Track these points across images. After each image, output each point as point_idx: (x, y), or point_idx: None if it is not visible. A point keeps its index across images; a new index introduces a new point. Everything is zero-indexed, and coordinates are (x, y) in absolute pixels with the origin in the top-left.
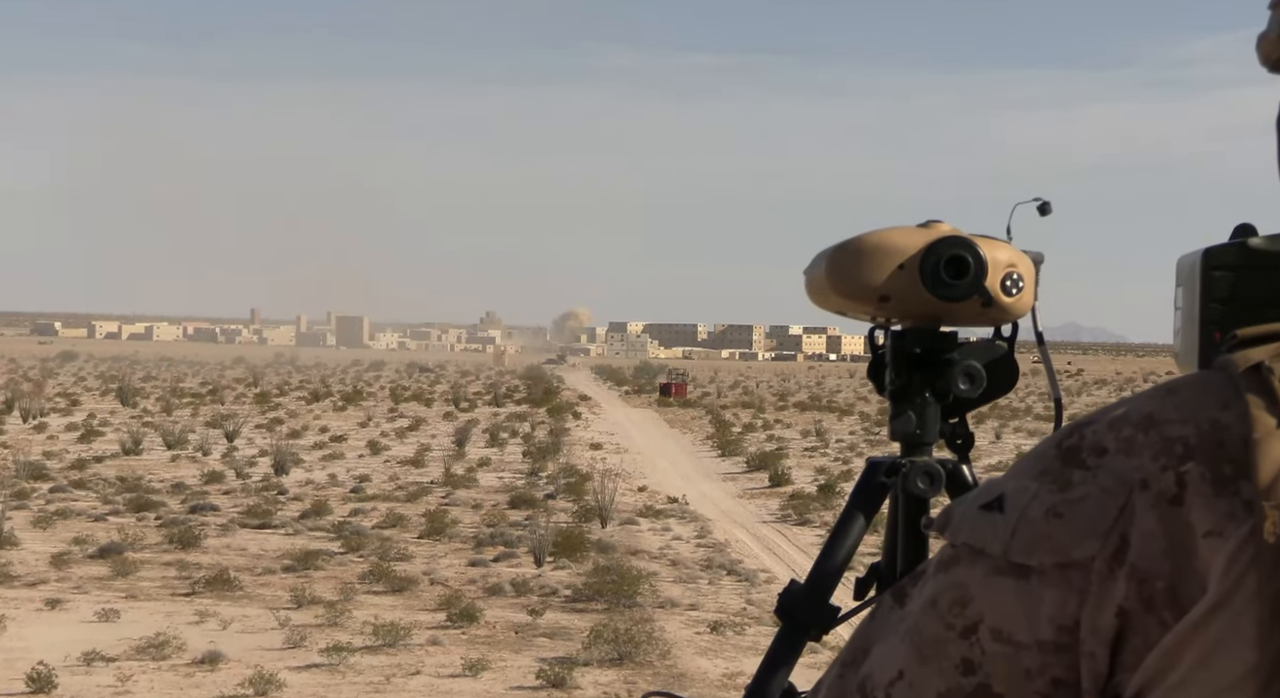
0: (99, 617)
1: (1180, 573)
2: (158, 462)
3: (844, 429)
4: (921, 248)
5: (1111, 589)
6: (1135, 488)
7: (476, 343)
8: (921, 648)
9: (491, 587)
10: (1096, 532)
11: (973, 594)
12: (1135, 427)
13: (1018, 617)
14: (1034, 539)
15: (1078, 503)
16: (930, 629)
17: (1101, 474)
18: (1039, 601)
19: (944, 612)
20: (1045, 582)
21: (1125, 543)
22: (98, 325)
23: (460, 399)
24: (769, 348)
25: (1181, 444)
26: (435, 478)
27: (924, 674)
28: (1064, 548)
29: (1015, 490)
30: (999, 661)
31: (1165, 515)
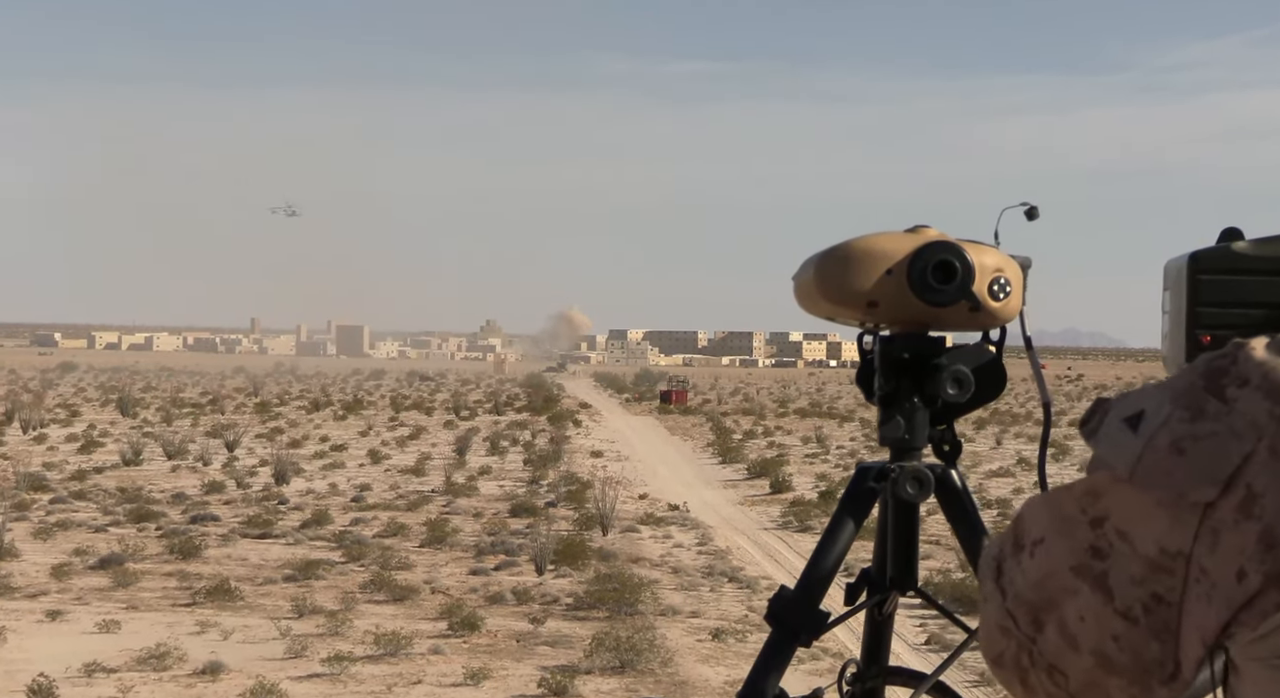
0: (100, 628)
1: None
2: (158, 472)
3: (845, 436)
4: (909, 253)
5: (1238, 543)
6: (1273, 437)
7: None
8: (1056, 522)
9: (493, 595)
10: (1217, 477)
11: (1103, 491)
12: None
13: (1137, 525)
14: (1155, 472)
15: (1202, 440)
16: (1066, 508)
17: (1234, 414)
18: (1154, 519)
19: (1079, 496)
20: (1163, 506)
21: (1253, 496)
22: (97, 336)
23: (461, 407)
24: (769, 355)
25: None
26: (436, 487)
27: (1058, 546)
28: (1182, 487)
29: (1154, 409)
30: (1119, 557)
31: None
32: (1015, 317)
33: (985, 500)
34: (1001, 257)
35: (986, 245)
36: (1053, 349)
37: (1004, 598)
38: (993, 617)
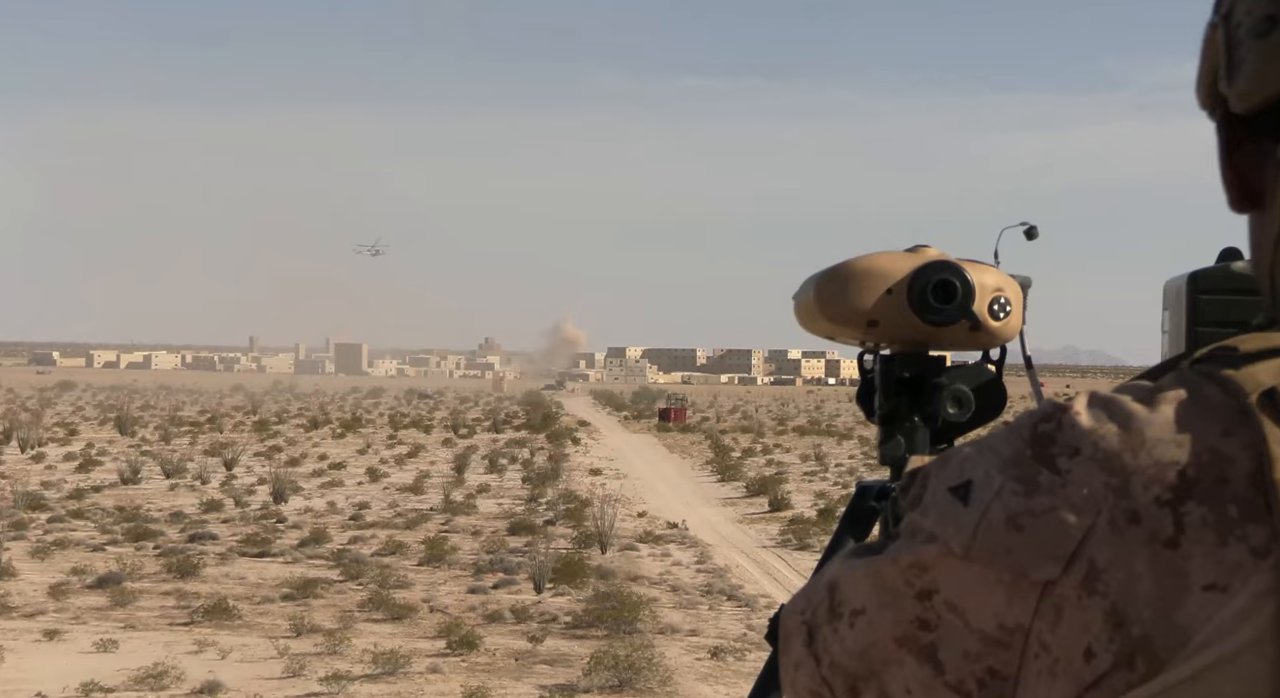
0: (97, 647)
1: (1160, 623)
2: (156, 491)
3: (843, 453)
4: (909, 273)
5: (1084, 620)
6: (1111, 511)
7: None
8: (882, 594)
9: (491, 614)
10: (1058, 554)
11: (931, 565)
12: (1119, 440)
13: (970, 600)
14: (994, 550)
15: (1039, 516)
16: (890, 579)
17: (1071, 487)
18: (990, 594)
19: (904, 569)
20: (1001, 584)
21: (1096, 572)
22: (96, 355)
23: (459, 425)
24: (768, 372)
25: (1177, 473)
26: (434, 505)
27: (882, 618)
28: (1021, 567)
29: (982, 479)
30: (949, 630)
31: (1157, 558)
32: (1015, 336)
33: None
34: (1001, 276)
35: (986, 265)
36: (1051, 368)
37: (818, 665)
38: (804, 683)
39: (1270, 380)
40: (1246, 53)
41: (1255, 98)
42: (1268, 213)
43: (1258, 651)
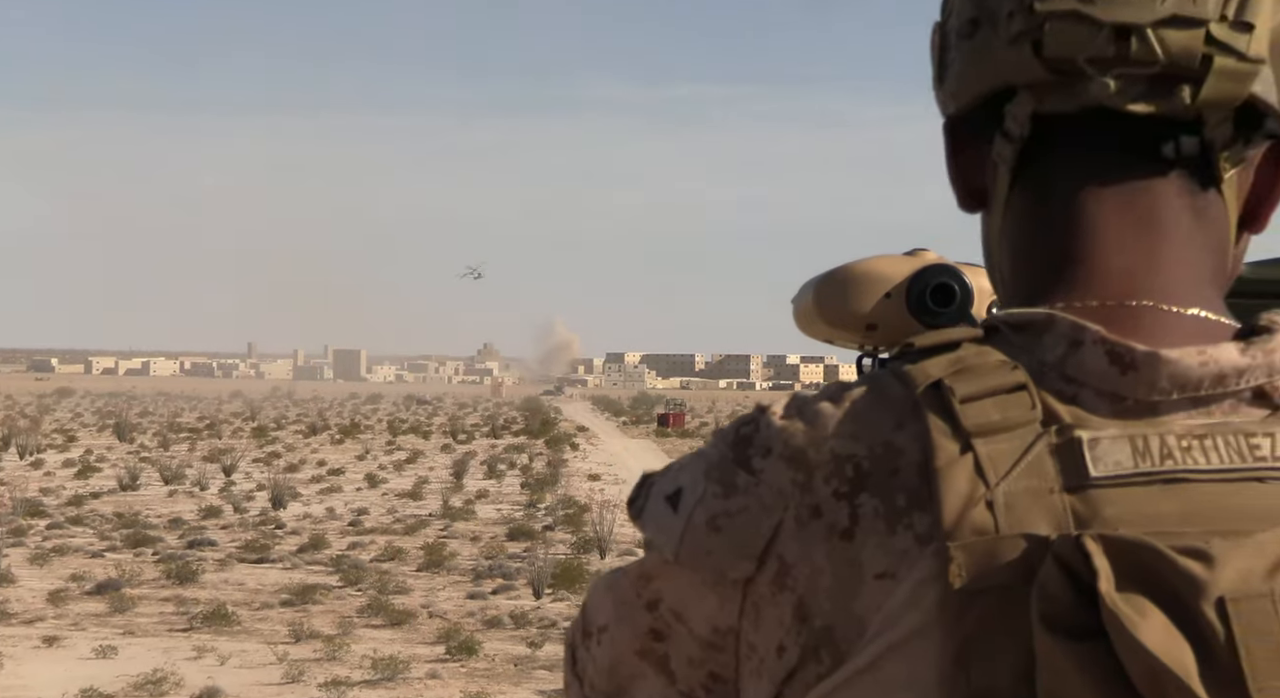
0: (96, 654)
1: (838, 613)
2: (155, 497)
3: None
4: (908, 276)
5: (776, 616)
6: (796, 507)
7: (474, 375)
8: (619, 607)
9: (490, 619)
10: (751, 552)
11: (654, 574)
12: (805, 436)
13: (689, 606)
14: (697, 553)
15: (735, 516)
16: (625, 592)
17: (762, 485)
18: (703, 599)
19: (634, 581)
20: (709, 587)
21: (786, 567)
22: (94, 361)
23: (458, 431)
24: (766, 378)
25: (853, 466)
26: (433, 510)
27: (620, 632)
28: (721, 567)
29: (690, 485)
30: (677, 638)
31: (835, 551)
32: None
33: None
34: None
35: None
36: None
37: (581, 686)
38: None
39: (938, 373)
40: (954, 55)
41: (963, 98)
42: (991, 211)
43: (924, 635)
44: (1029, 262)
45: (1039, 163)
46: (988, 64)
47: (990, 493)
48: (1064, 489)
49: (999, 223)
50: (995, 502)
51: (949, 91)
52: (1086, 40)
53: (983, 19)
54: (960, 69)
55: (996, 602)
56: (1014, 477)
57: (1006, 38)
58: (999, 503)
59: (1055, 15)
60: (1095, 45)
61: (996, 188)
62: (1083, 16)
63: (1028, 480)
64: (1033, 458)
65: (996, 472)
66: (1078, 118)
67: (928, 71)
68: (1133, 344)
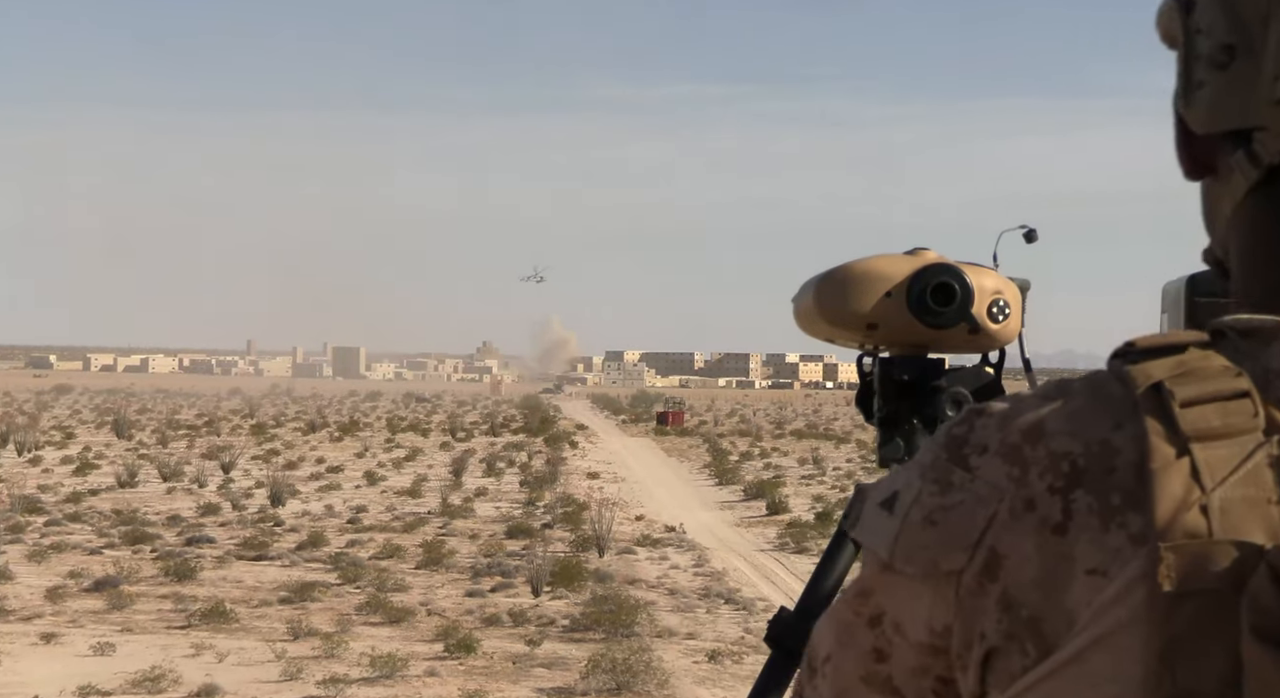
0: (94, 651)
1: (1047, 605)
2: (153, 494)
3: (841, 457)
4: (908, 275)
5: (980, 605)
6: (1011, 499)
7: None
8: (839, 633)
9: (489, 617)
10: (964, 543)
11: (873, 587)
12: (1022, 434)
13: (907, 615)
14: (911, 548)
15: (950, 511)
16: (845, 615)
17: (978, 480)
18: (920, 603)
19: (852, 600)
20: (925, 587)
21: (997, 558)
22: (93, 358)
23: (457, 429)
24: (766, 376)
25: (1069, 463)
26: (432, 508)
27: (844, 658)
28: (934, 560)
29: (905, 487)
30: (899, 653)
31: (1045, 543)
32: (1014, 339)
33: None
34: (1000, 279)
35: (985, 268)
36: (1049, 371)
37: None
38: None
39: (1160, 375)
40: (1205, 80)
41: (1212, 128)
42: (1218, 195)
43: (1131, 631)
44: (1265, 267)
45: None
46: (1246, 108)
47: (1205, 498)
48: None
49: (1226, 215)
50: (1210, 507)
51: (1196, 119)
52: None
53: (1240, 49)
54: (1213, 101)
55: (1205, 606)
56: (1231, 484)
57: (1270, 96)
58: (1214, 508)
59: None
60: None
61: (1230, 186)
62: None
63: (1245, 489)
64: (1251, 466)
65: (1213, 477)
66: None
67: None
68: None
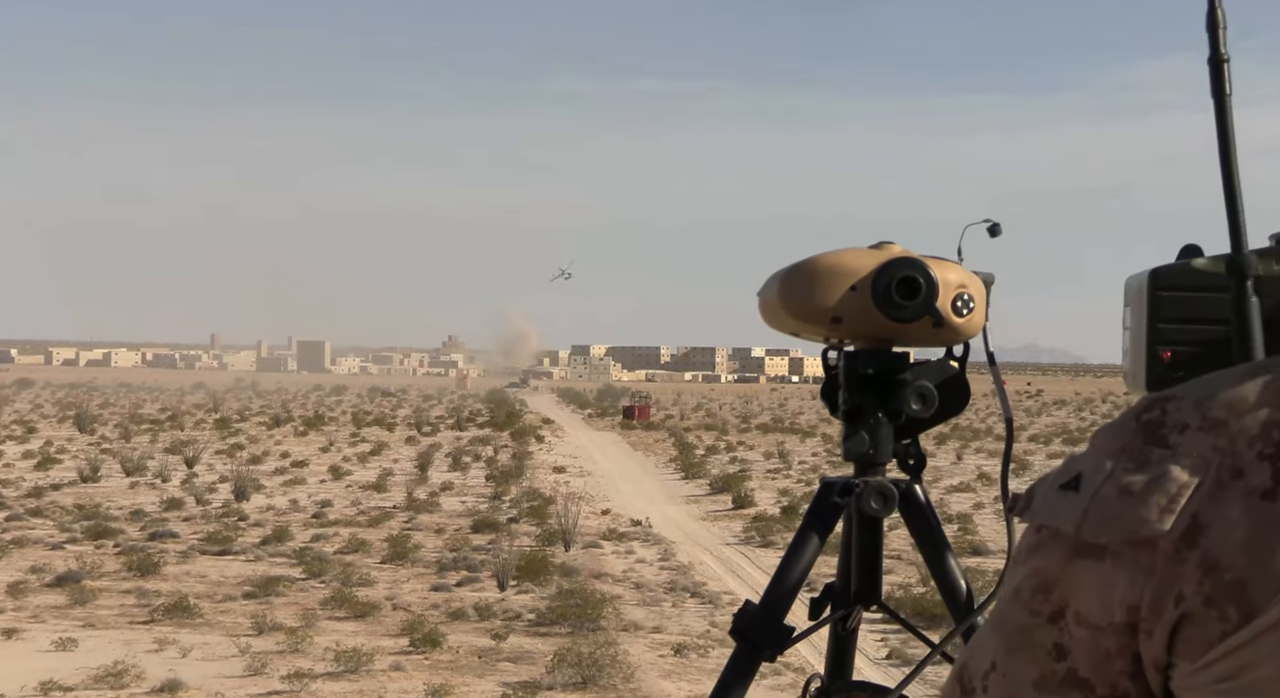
0: (56, 646)
1: (1256, 569)
2: (116, 489)
3: (806, 451)
4: (873, 269)
5: (1178, 571)
6: (1217, 469)
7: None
8: (1010, 638)
9: (454, 611)
10: (1168, 510)
11: (1055, 578)
12: (1226, 407)
13: (1096, 599)
14: (1105, 518)
15: (1151, 482)
16: (1016, 618)
17: (1181, 453)
18: (1112, 583)
19: (1028, 599)
20: (1118, 563)
21: (1198, 526)
22: (55, 352)
23: (423, 423)
24: (732, 370)
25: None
26: (397, 503)
27: (1015, 664)
28: (1132, 526)
29: (1092, 469)
30: (1083, 645)
31: (1254, 508)
32: (978, 332)
33: (947, 515)
34: (965, 273)
35: (950, 262)
36: (1013, 365)
37: None
38: None
39: None
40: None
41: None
42: None
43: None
44: None
45: None
46: None
47: None
48: None
49: None
50: None
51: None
52: None
53: None
54: None
55: None
56: None
57: None
58: None
59: None
60: None
61: None
62: None
63: None
64: None
65: None
66: None
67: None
68: None
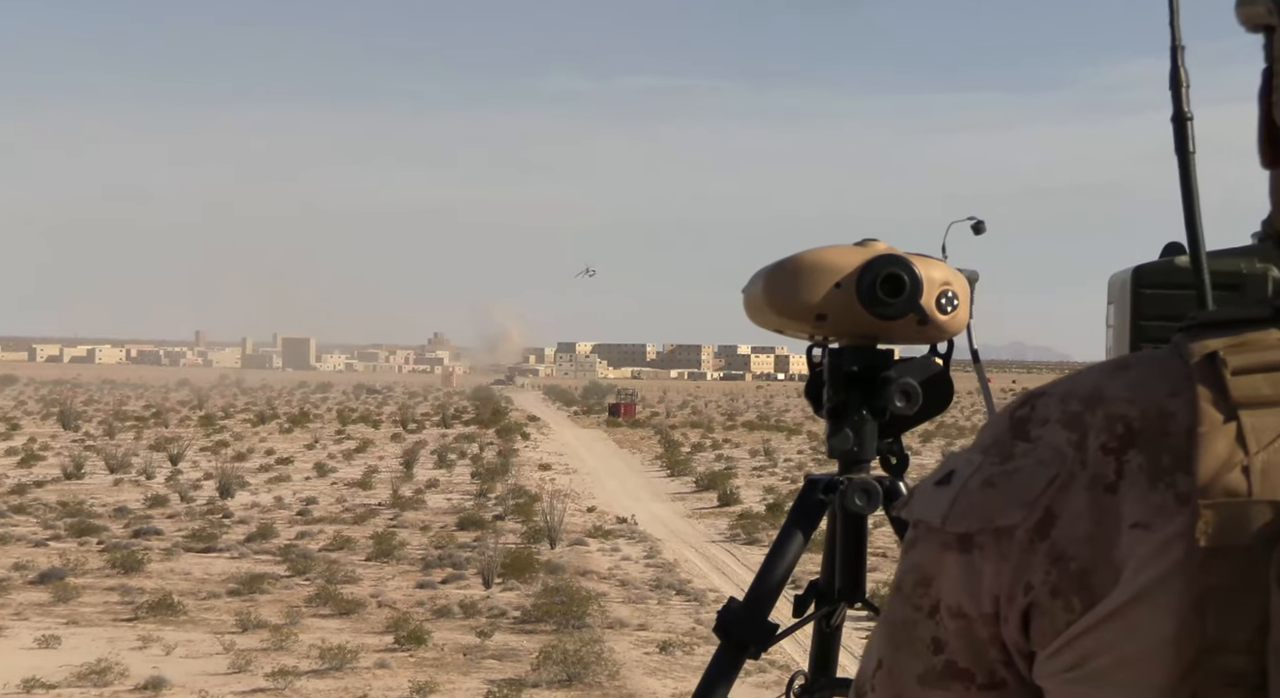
0: (39, 644)
1: (1097, 559)
2: (100, 486)
3: (792, 448)
4: (858, 266)
5: (1029, 561)
6: (1070, 462)
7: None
8: (894, 635)
9: (440, 609)
10: (1023, 500)
11: (932, 573)
12: (1082, 402)
13: (967, 591)
14: (968, 509)
15: (1012, 473)
16: (900, 614)
17: (1041, 445)
18: (980, 573)
19: (909, 594)
20: (985, 554)
21: (1050, 517)
22: (38, 348)
23: (408, 420)
24: (717, 368)
25: (1124, 425)
26: (383, 500)
27: (900, 660)
28: (991, 515)
29: (964, 464)
30: (959, 636)
31: (1097, 500)
32: (963, 330)
33: None
34: (949, 270)
35: (934, 259)
36: (998, 363)
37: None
38: None
39: (1216, 346)
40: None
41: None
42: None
43: (1168, 586)
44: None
45: None
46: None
47: (1248, 460)
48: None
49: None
50: (1251, 469)
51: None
52: None
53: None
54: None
55: (1240, 561)
56: (1275, 448)
57: None
58: (1255, 470)
59: None
60: None
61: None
62: None
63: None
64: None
65: (1258, 442)
66: None
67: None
68: None
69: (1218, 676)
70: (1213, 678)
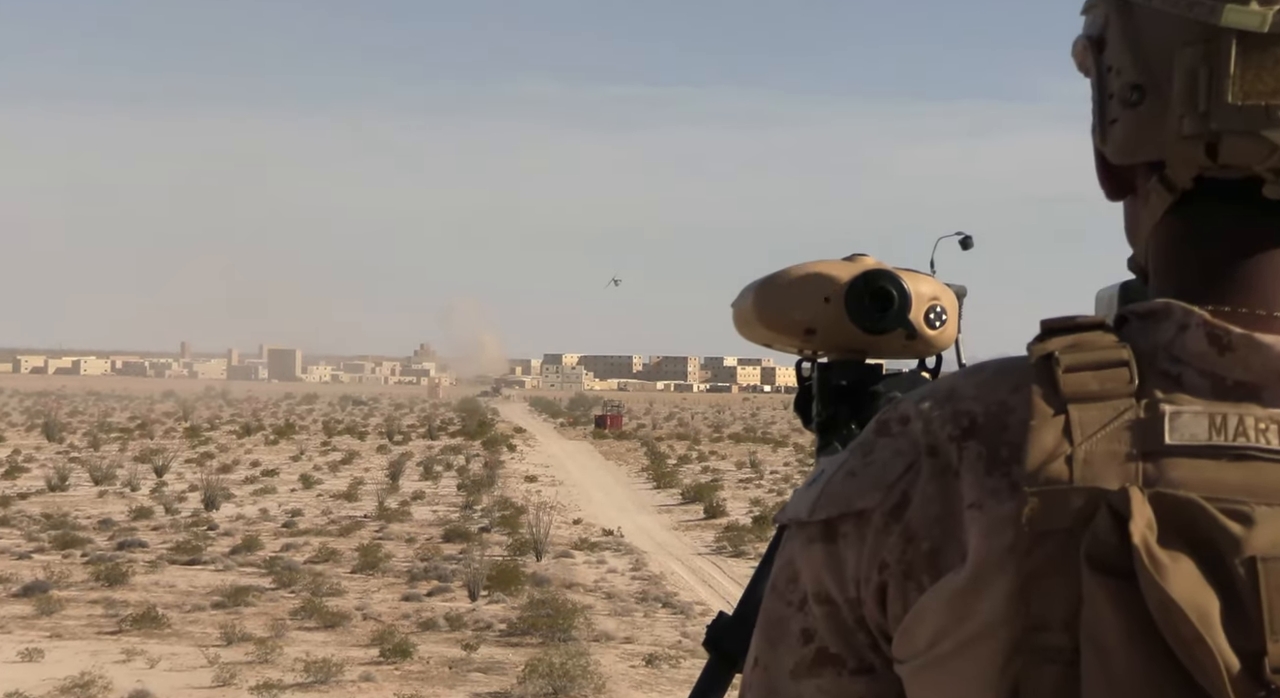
0: (22, 657)
1: (946, 538)
2: (84, 498)
3: (779, 461)
4: (847, 281)
5: (884, 541)
6: (923, 450)
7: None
8: (769, 632)
9: (425, 622)
10: (881, 484)
11: (800, 566)
12: (936, 401)
13: (833, 578)
14: (831, 497)
15: (871, 465)
16: (774, 611)
17: (900, 439)
18: (844, 560)
19: (782, 590)
20: (847, 542)
21: (905, 499)
22: (23, 360)
23: (394, 432)
24: (704, 380)
25: (968, 419)
26: (368, 512)
27: (775, 656)
28: (850, 500)
29: (831, 464)
30: (827, 622)
31: (945, 485)
32: (951, 344)
33: None
34: (937, 285)
35: (923, 274)
36: None
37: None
38: None
39: (1054, 348)
40: (1117, 116)
41: (1127, 160)
42: (1139, 216)
43: (999, 568)
44: (1178, 274)
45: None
46: (1157, 143)
47: (1072, 450)
48: (1141, 455)
49: (1147, 231)
50: (1075, 458)
51: (1112, 151)
52: (1265, 155)
53: (1148, 89)
54: (1125, 136)
55: (1060, 543)
56: (1097, 439)
57: (1178, 132)
58: (1078, 459)
59: (1233, 133)
60: (1275, 159)
61: (1150, 207)
62: (1262, 138)
63: (1109, 444)
64: (1118, 425)
65: (1083, 433)
66: None
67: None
68: (1230, 327)
69: (1038, 653)
70: (1034, 656)
